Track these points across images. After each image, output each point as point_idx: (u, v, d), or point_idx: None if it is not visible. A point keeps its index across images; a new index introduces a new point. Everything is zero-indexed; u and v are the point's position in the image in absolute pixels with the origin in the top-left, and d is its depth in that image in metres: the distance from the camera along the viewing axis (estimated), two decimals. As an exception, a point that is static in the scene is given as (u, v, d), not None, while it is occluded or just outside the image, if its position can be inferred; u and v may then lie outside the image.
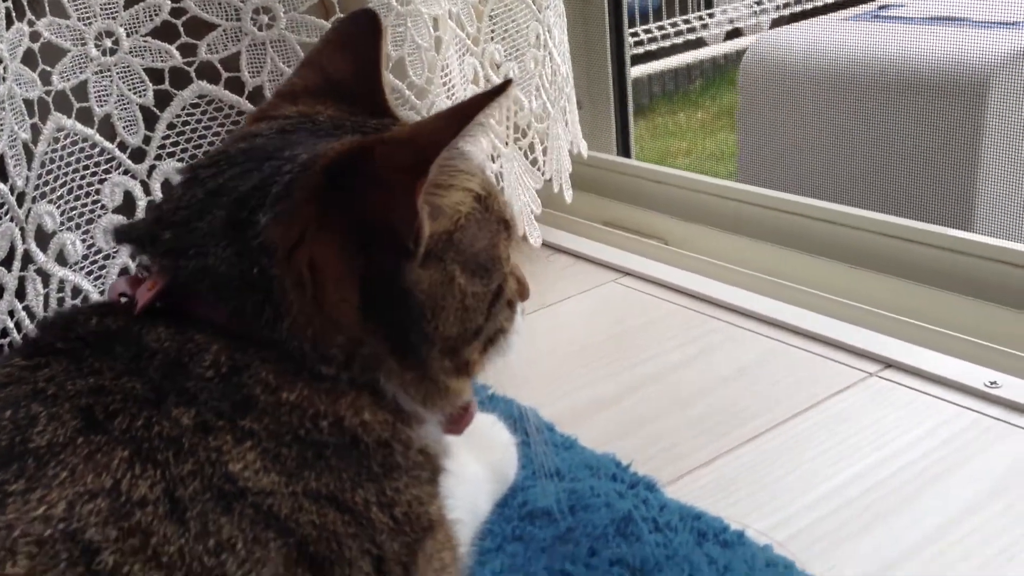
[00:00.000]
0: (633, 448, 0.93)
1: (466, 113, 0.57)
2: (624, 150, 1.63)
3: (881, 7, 2.15)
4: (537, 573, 0.76)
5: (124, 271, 0.86)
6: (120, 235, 0.63)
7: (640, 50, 3.77)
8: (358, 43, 0.70)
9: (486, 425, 0.88)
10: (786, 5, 3.67)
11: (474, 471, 0.83)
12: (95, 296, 0.85)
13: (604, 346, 1.17)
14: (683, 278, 1.27)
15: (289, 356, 0.58)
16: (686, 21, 3.88)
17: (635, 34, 3.75)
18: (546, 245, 1.41)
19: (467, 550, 0.76)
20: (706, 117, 3.68)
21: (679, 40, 3.87)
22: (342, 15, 0.95)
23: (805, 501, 0.86)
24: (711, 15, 3.85)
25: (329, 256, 0.57)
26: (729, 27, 4.02)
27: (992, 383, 0.98)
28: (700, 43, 3.82)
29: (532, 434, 0.87)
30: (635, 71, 3.72)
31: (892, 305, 1.12)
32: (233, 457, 0.52)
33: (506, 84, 0.59)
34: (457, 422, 0.70)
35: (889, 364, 1.05)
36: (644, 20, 3.79)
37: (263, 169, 0.59)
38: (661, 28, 3.84)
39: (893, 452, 0.91)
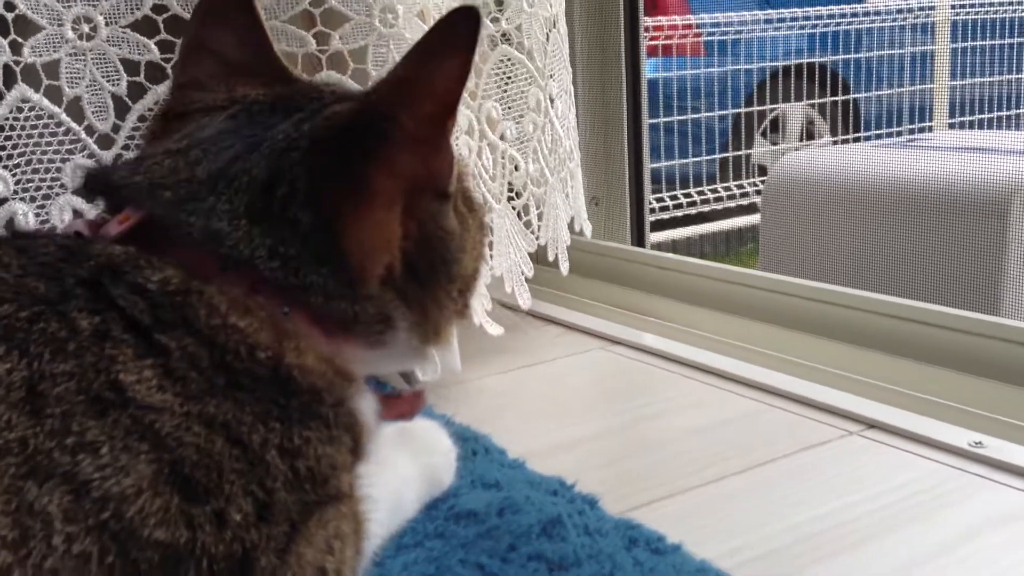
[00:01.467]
0: (590, 481, 0.87)
1: (470, 47, 0.57)
2: (639, 241, 1.62)
3: (910, 139, 2.16)
4: (452, 566, 0.70)
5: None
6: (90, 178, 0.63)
7: (693, 211, 3.83)
8: (234, 16, 0.70)
9: (427, 429, 0.85)
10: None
11: (406, 470, 0.80)
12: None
13: (582, 399, 1.14)
14: (670, 346, 1.23)
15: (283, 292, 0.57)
16: (739, 186, 3.94)
17: (688, 195, 3.81)
18: (540, 317, 1.39)
19: (382, 543, 0.72)
20: (755, 278, 3.66)
21: (732, 204, 3.92)
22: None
23: (760, 534, 0.80)
24: (764, 182, 3.90)
25: (380, 220, 0.59)
26: (782, 193, 4.04)
27: (977, 443, 0.92)
28: (752, 208, 3.86)
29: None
30: (688, 231, 3.77)
31: (880, 376, 1.07)
32: (127, 368, 0.49)
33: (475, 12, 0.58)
34: (410, 405, 0.71)
35: (872, 425, 0.99)
36: (698, 183, 3.86)
37: (261, 146, 0.59)
38: (715, 191, 3.90)
39: (863, 498, 0.85)
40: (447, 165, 0.60)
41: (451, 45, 0.57)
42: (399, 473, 0.78)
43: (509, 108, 1.23)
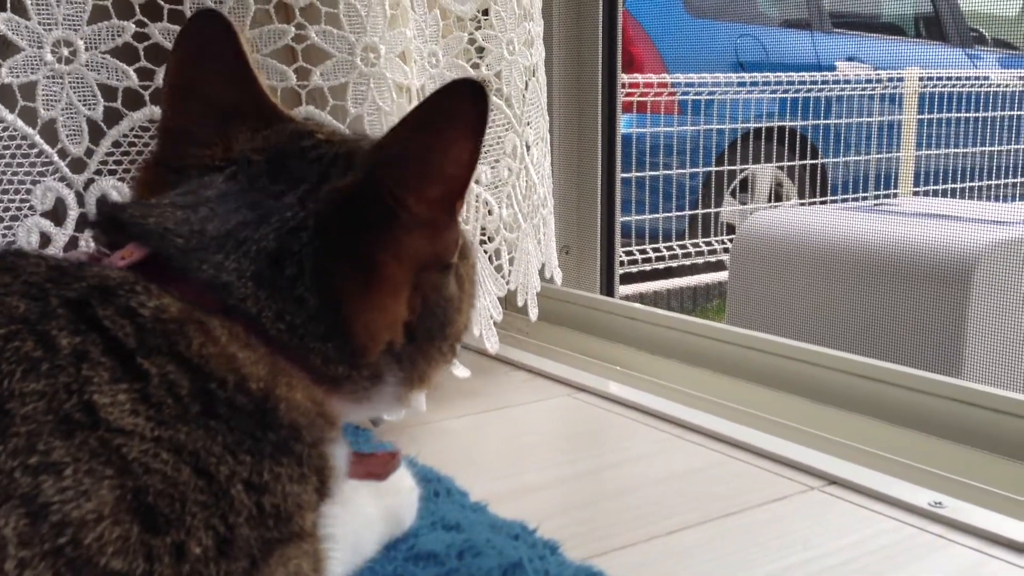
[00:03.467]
0: (552, 526, 0.87)
1: (481, 128, 0.57)
2: (608, 291, 1.63)
3: (876, 204, 2.19)
4: (409, 607, 0.69)
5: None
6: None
7: (661, 266, 3.85)
8: (220, 53, 0.68)
9: (390, 469, 0.83)
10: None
11: (368, 509, 0.78)
12: None
13: (546, 445, 1.14)
14: (636, 396, 1.23)
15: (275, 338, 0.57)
16: (707, 243, 3.98)
17: (657, 250, 3.84)
18: (507, 362, 1.39)
19: (339, 581, 0.71)
20: (720, 335, 3.67)
21: (699, 260, 3.95)
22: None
23: (719, 586, 0.80)
24: (733, 239, 3.94)
25: (387, 305, 0.60)
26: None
27: (936, 503, 0.93)
28: (720, 266, 3.89)
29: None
30: (655, 285, 3.80)
31: (843, 433, 1.08)
32: (102, 390, 0.48)
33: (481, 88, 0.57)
34: (382, 466, 0.72)
35: (833, 481, 0.99)
36: (667, 239, 3.89)
37: (270, 219, 0.59)
38: (683, 247, 3.93)
39: (822, 554, 0.85)
40: (453, 242, 0.61)
41: (461, 127, 0.56)
42: (360, 512, 0.77)
43: (485, 152, 1.23)
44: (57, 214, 0.88)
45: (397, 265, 0.59)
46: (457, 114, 0.56)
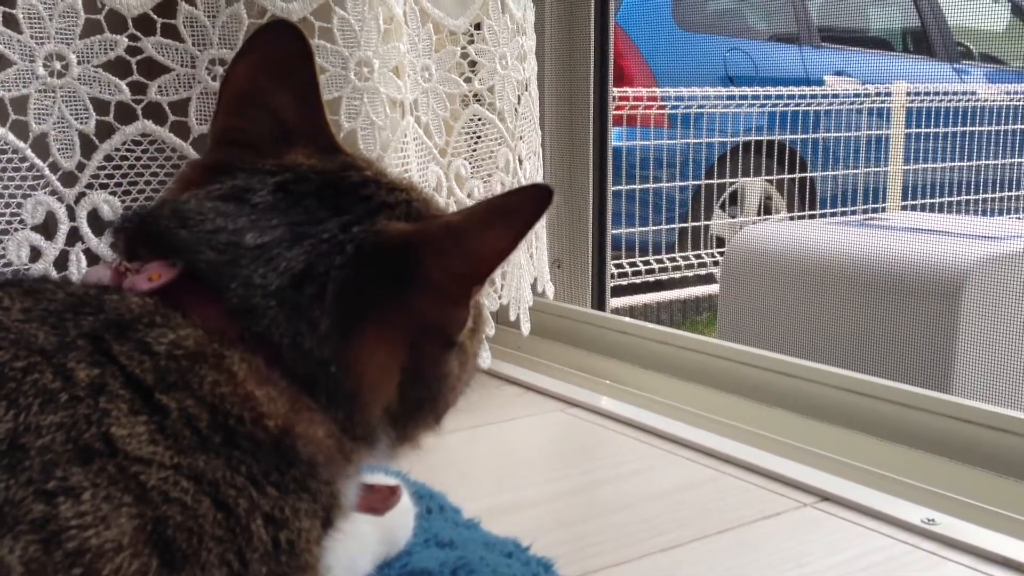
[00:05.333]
0: (545, 543, 0.86)
1: (525, 227, 0.57)
2: (599, 304, 1.62)
3: (867, 218, 2.20)
4: (402, 627, 0.69)
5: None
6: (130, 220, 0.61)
7: (651, 278, 3.86)
8: (295, 72, 0.66)
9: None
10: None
11: (363, 529, 0.78)
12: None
13: (539, 461, 1.14)
14: (628, 411, 1.23)
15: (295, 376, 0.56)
16: (697, 256, 3.99)
17: (647, 262, 3.84)
18: (499, 377, 1.38)
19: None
20: (710, 348, 3.67)
21: (689, 273, 3.95)
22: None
23: (713, 604, 0.79)
24: (722, 253, 3.95)
25: (384, 356, 0.59)
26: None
27: (929, 520, 0.93)
28: (710, 279, 3.89)
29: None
30: (645, 298, 3.80)
31: (835, 449, 1.08)
32: (120, 423, 0.47)
33: (549, 194, 0.57)
34: (382, 500, 0.72)
35: (826, 497, 0.99)
36: (657, 251, 3.89)
37: (304, 242, 0.58)
38: (673, 260, 3.94)
39: (814, 571, 0.85)
40: (460, 321, 0.61)
41: (510, 219, 0.56)
42: (356, 531, 0.76)
43: (478, 167, 1.23)
44: (48, 228, 0.88)
45: (399, 317, 0.58)
46: (521, 209, 0.56)
